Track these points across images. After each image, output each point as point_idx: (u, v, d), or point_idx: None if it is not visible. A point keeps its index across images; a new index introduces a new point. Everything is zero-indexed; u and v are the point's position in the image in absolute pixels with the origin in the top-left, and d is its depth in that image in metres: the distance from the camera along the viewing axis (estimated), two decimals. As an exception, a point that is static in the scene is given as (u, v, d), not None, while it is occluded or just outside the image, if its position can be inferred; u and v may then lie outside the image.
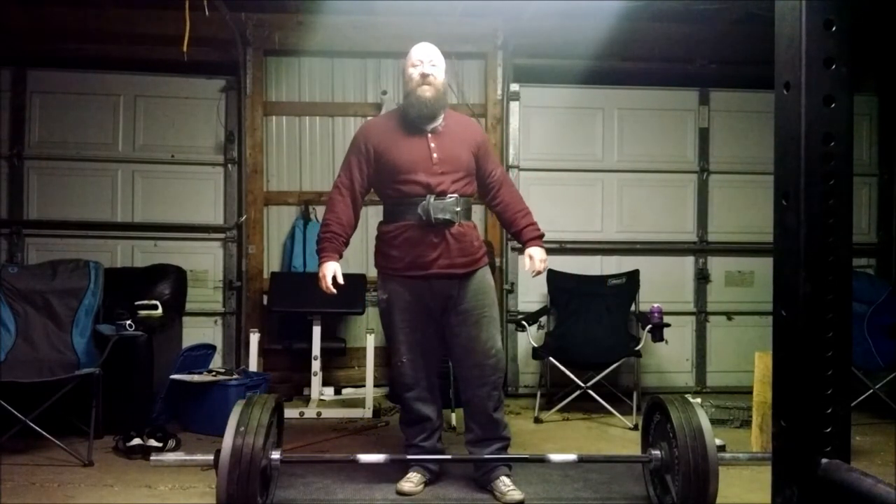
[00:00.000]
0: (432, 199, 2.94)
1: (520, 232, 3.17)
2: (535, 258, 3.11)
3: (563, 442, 3.96)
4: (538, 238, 3.15)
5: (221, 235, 5.20)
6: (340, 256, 3.08)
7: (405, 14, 4.97)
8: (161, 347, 4.19)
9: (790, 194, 1.40)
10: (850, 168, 1.40)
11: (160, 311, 4.38)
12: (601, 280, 5.03)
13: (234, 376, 4.22)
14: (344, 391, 4.99)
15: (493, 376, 3.09)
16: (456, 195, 2.98)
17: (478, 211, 3.45)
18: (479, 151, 3.12)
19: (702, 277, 5.38)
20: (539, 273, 3.15)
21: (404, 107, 3.08)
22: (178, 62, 4.30)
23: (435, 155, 2.99)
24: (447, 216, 2.94)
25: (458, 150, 3.04)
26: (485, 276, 3.11)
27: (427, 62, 3.01)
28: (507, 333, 5.13)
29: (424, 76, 2.99)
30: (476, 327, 3.06)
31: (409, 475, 3.12)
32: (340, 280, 3.03)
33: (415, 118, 3.01)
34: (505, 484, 3.03)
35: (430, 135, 3.02)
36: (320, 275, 3.03)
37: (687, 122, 5.38)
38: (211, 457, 2.76)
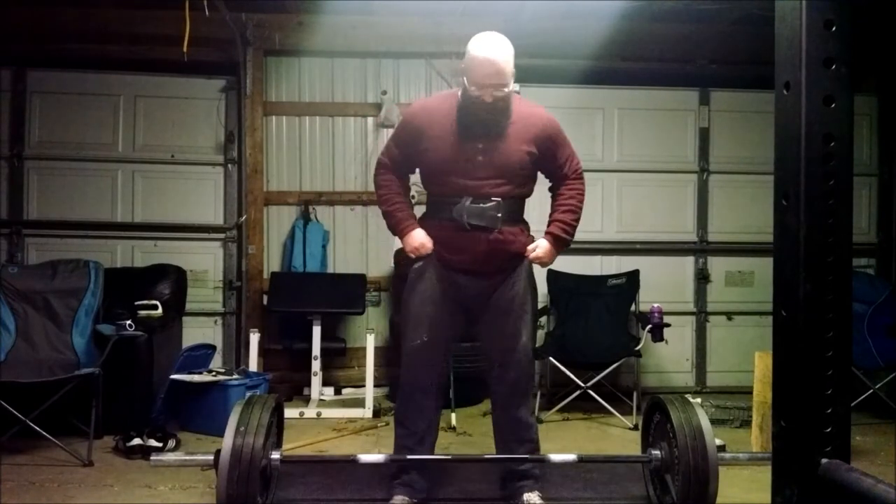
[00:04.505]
0: (468, 203, 2.71)
1: (549, 223, 2.90)
2: (538, 247, 2.83)
3: (563, 442, 3.96)
4: (556, 237, 2.85)
5: (221, 235, 5.20)
6: (415, 219, 2.88)
7: (405, 14, 4.97)
8: (161, 347, 4.19)
9: (790, 194, 1.40)
10: (850, 168, 1.40)
11: (160, 311, 4.38)
12: (601, 280, 5.03)
13: (234, 376, 4.22)
14: (344, 391, 4.98)
15: (517, 373, 2.88)
16: (498, 199, 2.73)
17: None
18: (542, 146, 2.79)
19: (702, 277, 5.38)
20: (536, 260, 2.86)
21: (463, 108, 2.72)
22: (178, 62, 4.30)
23: (480, 157, 2.72)
24: (483, 223, 2.72)
25: (510, 149, 2.74)
26: (523, 275, 2.86)
27: (492, 84, 2.65)
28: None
29: (486, 104, 2.66)
30: (507, 323, 2.84)
31: (393, 500, 2.87)
32: (430, 245, 2.81)
33: (473, 125, 2.72)
34: (532, 501, 2.86)
35: (481, 135, 2.72)
36: (415, 245, 2.81)
37: (687, 122, 5.38)
38: (211, 457, 2.76)
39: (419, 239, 2.82)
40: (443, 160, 2.75)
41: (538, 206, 3.05)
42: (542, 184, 2.97)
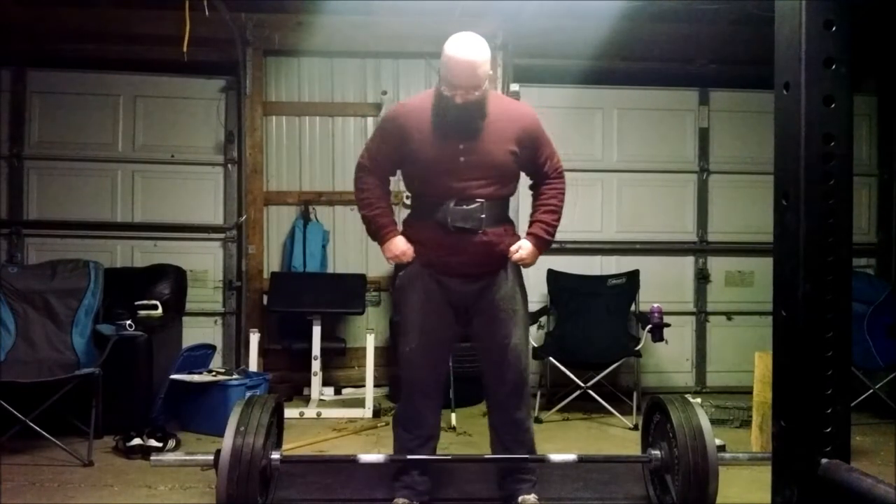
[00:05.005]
0: (451, 205, 2.67)
1: (530, 224, 2.87)
2: (521, 248, 2.78)
3: (563, 442, 3.96)
4: (538, 237, 2.82)
5: (221, 235, 5.20)
6: (396, 225, 2.86)
7: (405, 14, 4.97)
8: (161, 347, 4.19)
9: (790, 194, 1.40)
10: (850, 168, 1.40)
11: (160, 311, 4.38)
12: (601, 280, 5.02)
13: (234, 376, 4.22)
14: (344, 391, 4.98)
15: (513, 374, 2.84)
16: (482, 201, 2.68)
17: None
18: (525, 144, 2.74)
19: (702, 277, 5.38)
20: (518, 261, 2.81)
21: (437, 108, 2.69)
22: (178, 62, 4.30)
23: (462, 158, 2.67)
24: (467, 224, 2.68)
25: (493, 148, 2.68)
26: (509, 276, 2.83)
27: (465, 86, 2.58)
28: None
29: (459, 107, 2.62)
30: (496, 324, 2.81)
31: (394, 501, 2.86)
32: (411, 252, 2.79)
33: (450, 126, 2.69)
34: (529, 503, 2.85)
35: (460, 136, 2.68)
36: (396, 253, 2.80)
37: (687, 122, 5.38)
38: (211, 457, 2.76)
39: (400, 247, 2.80)
40: (428, 161, 2.71)
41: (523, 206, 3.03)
42: (524, 182, 2.94)
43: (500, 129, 2.70)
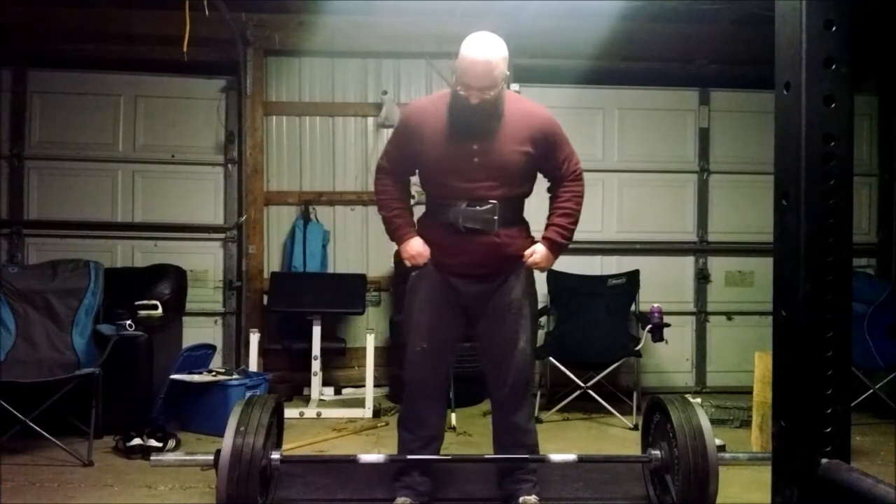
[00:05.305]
0: (464, 206, 2.67)
1: (546, 227, 2.85)
2: (535, 252, 2.79)
3: (563, 442, 3.96)
4: (553, 242, 2.80)
5: (221, 235, 5.20)
6: (414, 227, 2.87)
7: (405, 14, 4.97)
8: (161, 347, 4.19)
9: (790, 194, 1.40)
10: (850, 168, 1.40)
11: (160, 311, 4.38)
12: (601, 280, 5.02)
13: (234, 376, 4.22)
14: (344, 391, 4.98)
15: (514, 377, 2.83)
16: (494, 202, 2.68)
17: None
18: (539, 145, 2.72)
19: (702, 277, 5.38)
20: (533, 266, 2.82)
21: (453, 108, 2.68)
22: (179, 62, 4.30)
23: (476, 159, 2.67)
24: (478, 226, 2.68)
25: (505, 150, 2.68)
26: (519, 279, 2.82)
27: (480, 87, 2.58)
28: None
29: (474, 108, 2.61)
30: (499, 327, 2.81)
31: (395, 501, 2.87)
32: (427, 254, 2.80)
33: (464, 126, 2.68)
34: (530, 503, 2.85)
35: (475, 136, 2.68)
36: (412, 254, 2.81)
37: (687, 122, 5.38)
38: (211, 457, 2.76)
39: (416, 248, 2.80)
40: (437, 162, 2.71)
41: (538, 206, 3.03)
42: (541, 183, 2.93)
43: (513, 130, 2.69)
